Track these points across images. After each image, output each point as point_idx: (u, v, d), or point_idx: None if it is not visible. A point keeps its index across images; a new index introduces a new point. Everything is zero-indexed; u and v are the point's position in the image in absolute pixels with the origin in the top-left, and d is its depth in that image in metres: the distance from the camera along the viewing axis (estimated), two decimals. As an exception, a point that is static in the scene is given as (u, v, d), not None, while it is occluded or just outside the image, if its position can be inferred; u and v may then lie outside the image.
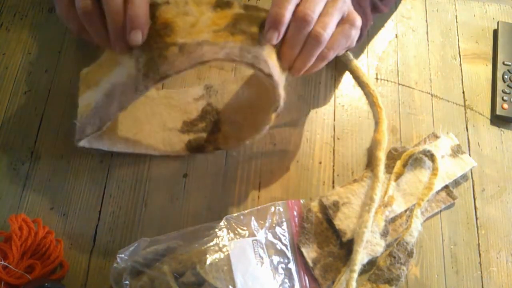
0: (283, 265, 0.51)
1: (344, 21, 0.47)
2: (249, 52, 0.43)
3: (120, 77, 0.45)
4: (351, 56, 0.63)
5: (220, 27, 0.44)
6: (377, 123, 0.60)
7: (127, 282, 0.47)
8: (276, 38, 0.43)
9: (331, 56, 0.47)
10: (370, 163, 0.58)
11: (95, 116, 0.47)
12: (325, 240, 0.53)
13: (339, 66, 0.64)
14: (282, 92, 0.47)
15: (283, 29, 0.43)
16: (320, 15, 0.44)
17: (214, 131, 0.58)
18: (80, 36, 0.46)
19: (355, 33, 0.47)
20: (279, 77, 0.46)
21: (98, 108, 0.47)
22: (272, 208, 0.54)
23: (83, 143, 0.50)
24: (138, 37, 0.42)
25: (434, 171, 0.55)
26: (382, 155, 0.56)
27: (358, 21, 0.47)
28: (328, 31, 0.44)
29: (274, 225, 0.53)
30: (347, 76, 0.64)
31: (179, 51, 0.42)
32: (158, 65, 0.42)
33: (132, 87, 0.44)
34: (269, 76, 0.44)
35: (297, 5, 0.43)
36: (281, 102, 0.48)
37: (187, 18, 0.44)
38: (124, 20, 0.42)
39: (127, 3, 0.42)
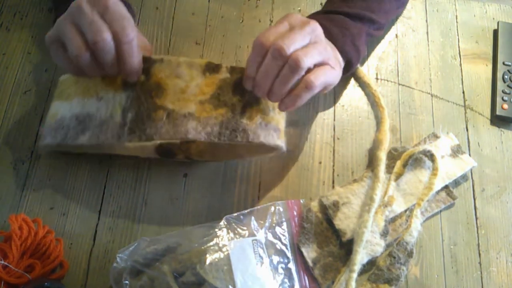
0: (283, 265, 0.51)
1: (324, 63, 0.48)
2: (227, 128, 0.47)
3: (98, 113, 0.48)
4: None
5: (206, 97, 0.48)
6: (379, 123, 0.60)
7: (127, 281, 0.47)
8: (250, 84, 0.48)
9: (314, 86, 0.46)
10: (371, 163, 0.58)
11: (59, 131, 0.50)
12: (325, 240, 0.53)
13: (339, 66, 0.64)
14: (278, 141, 0.49)
15: (255, 73, 0.47)
16: (299, 49, 0.45)
17: (188, 141, 0.53)
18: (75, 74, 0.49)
19: (335, 75, 0.49)
20: (273, 128, 0.49)
21: (65, 127, 0.49)
22: (272, 208, 0.54)
23: (44, 148, 0.52)
24: (134, 79, 0.48)
25: (434, 171, 0.55)
26: (383, 155, 0.56)
27: (338, 69, 0.50)
28: (307, 58, 0.45)
29: (274, 225, 0.53)
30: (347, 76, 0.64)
31: (167, 117, 0.47)
32: (146, 127, 0.46)
33: (114, 133, 0.47)
34: (250, 142, 0.48)
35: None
36: (283, 147, 0.50)
37: (178, 82, 0.48)
38: (119, 68, 0.46)
39: (122, 54, 0.45)
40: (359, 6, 0.58)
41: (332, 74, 0.48)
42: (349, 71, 0.58)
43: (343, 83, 0.63)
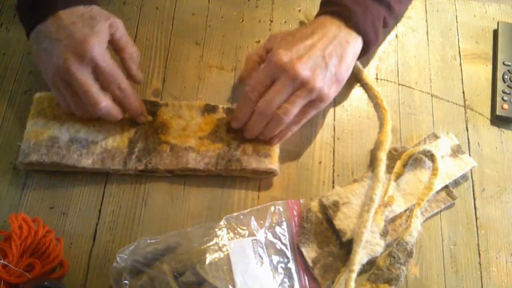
0: (283, 265, 0.51)
1: (310, 103, 0.52)
2: (223, 159, 0.54)
3: (104, 142, 0.54)
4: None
5: (204, 133, 0.56)
6: (381, 124, 0.60)
7: (126, 281, 0.47)
8: (238, 126, 0.54)
9: (295, 129, 0.54)
10: (371, 163, 0.58)
11: (50, 151, 0.53)
12: (325, 240, 0.53)
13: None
14: (270, 165, 0.54)
15: (243, 121, 0.54)
16: (284, 102, 0.50)
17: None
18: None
19: (313, 112, 0.53)
20: (265, 154, 0.55)
21: (62, 148, 0.53)
22: (272, 208, 0.54)
23: (25, 165, 0.53)
24: (142, 120, 0.55)
25: (434, 171, 0.55)
26: (383, 156, 0.56)
27: (324, 104, 0.52)
28: (289, 116, 0.51)
29: (274, 224, 0.53)
30: (347, 76, 0.64)
31: (170, 150, 0.55)
32: (152, 157, 0.54)
33: (120, 160, 0.54)
34: (243, 170, 0.54)
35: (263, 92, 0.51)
36: (276, 170, 0.55)
37: (180, 121, 0.57)
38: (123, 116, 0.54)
39: (122, 103, 0.52)
40: None
41: (317, 110, 0.53)
42: (366, 54, 0.57)
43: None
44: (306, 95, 0.50)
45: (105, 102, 0.50)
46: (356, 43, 0.54)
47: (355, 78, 0.63)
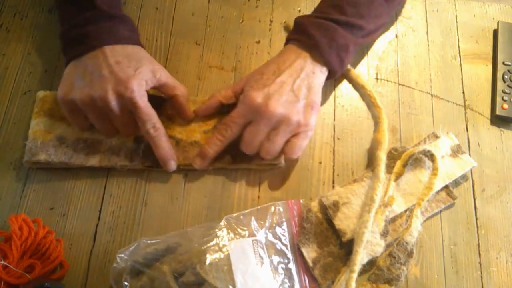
0: (283, 265, 0.51)
1: (295, 135, 0.53)
2: (228, 154, 0.55)
3: (109, 139, 0.55)
4: None
5: (209, 127, 0.57)
6: (377, 123, 0.60)
7: (126, 282, 0.47)
8: (203, 165, 0.54)
9: (295, 157, 0.55)
10: (371, 163, 0.58)
11: (58, 151, 0.54)
12: (325, 240, 0.53)
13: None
14: (278, 158, 0.55)
15: (211, 158, 0.54)
16: (264, 141, 0.53)
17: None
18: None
19: (302, 142, 0.54)
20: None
21: (69, 147, 0.54)
22: (272, 208, 0.54)
23: (32, 164, 0.54)
24: (173, 168, 0.54)
25: (434, 171, 0.55)
26: (383, 155, 0.56)
27: (309, 131, 0.54)
28: (272, 153, 0.53)
29: (274, 225, 0.53)
30: (347, 76, 0.64)
31: (176, 145, 0.55)
32: None
33: (127, 156, 0.54)
34: (250, 163, 0.55)
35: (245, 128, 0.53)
36: (281, 163, 0.56)
37: None
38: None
39: (153, 146, 0.53)
40: (349, 12, 0.57)
41: (306, 138, 0.54)
42: (331, 78, 0.59)
43: (343, 83, 0.63)
44: (285, 130, 0.52)
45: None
46: (321, 73, 0.56)
47: (347, 78, 0.63)
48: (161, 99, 0.57)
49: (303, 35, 0.56)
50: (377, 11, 0.60)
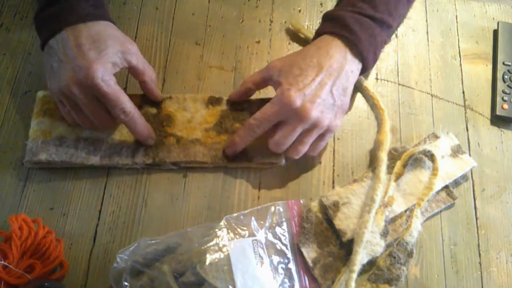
0: (283, 265, 0.51)
1: (320, 136, 0.53)
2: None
3: (109, 137, 0.55)
4: None
5: (210, 125, 0.57)
6: (379, 124, 0.60)
7: (126, 282, 0.47)
8: (232, 153, 0.55)
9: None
10: (372, 163, 0.58)
11: (59, 150, 0.53)
12: (325, 240, 0.53)
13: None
14: (278, 157, 0.55)
15: (239, 150, 0.54)
16: (295, 142, 0.52)
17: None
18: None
19: (324, 143, 0.55)
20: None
21: (70, 147, 0.54)
22: (272, 208, 0.54)
23: (33, 164, 0.54)
24: (151, 143, 0.55)
25: (434, 171, 0.55)
26: (384, 156, 0.56)
27: (333, 133, 0.55)
28: (300, 153, 0.53)
29: (274, 225, 0.53)
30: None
31: (177, 143, 0.55)
32: (159, 150, 0.55)
33: (128, 154, 0.54)
34: (251, 161, 0.55)
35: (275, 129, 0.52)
36: (282, 162, 0.56)
37: (185, 114, 0.57)
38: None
39: (128, 127, 0.52)
40: (381, 9, 0.56)
41: (326, 140, 0.55)
42: (363, 74, 0.58)
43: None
44: (316, 133, 0.52)
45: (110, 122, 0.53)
46: (357, 70, 0.55)
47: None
48: None
49: (343, 30, 0.54)
50: (401, 10, 0.60)
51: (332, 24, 0.55)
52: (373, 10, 0.55)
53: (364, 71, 0.57)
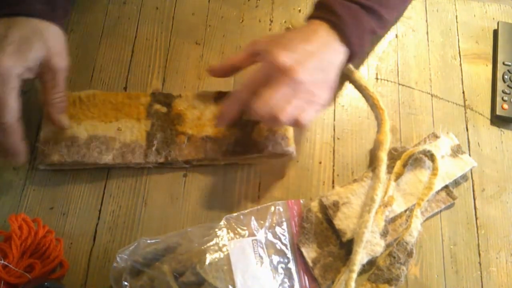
0: (283, 265, 0.51)
1: (307, 106, 0.50)
2: (240, 145, 0.55)
3: (121, 136, 0.55)
4: None
5: None
6: (379, 124, 0.60)
7: (126, 282, 0.47)
8: (222, 125, 0.54)
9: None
10: (372, 163, 0.58)
11: (71, 150, 0.53)
12: (325, 240, 0.53)
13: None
14: (286, 148, 0.54)
15: (230, 120, 0.52)
16: (281, 101, 0.48)
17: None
18: None
19: (313, 113, 0.50)
20: (281, 137, 0.55)
21: (81, 146, 0.53)
22: (272, 208, 0.54)
23: (47, 166, 0.54)
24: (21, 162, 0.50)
25: (434, 171, 0.55)
26: (384, 156, 0.56)
27: (320, 107, 0.51)
28: (285, 115, 0.48)
29: (274, 225, 0.53)
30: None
31: (188, 141, 0.55)
32: (171, 149, 0.55)
33: (140, 153, 0.54)
34: (261, 153, 0.55)
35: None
36: (293, 153, 0.56)
37: (194, 112, 0.57)
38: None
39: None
40: None
41: (314, 113, 0.51)
42: (349, 62, 0.57)
43: (343, 84, 0.63)
44: (304, 98, 0.50)
45: None
46: (343, 54, 0.54)
47: (350, 80, 0.63)
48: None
49: (330, 14, 0.54)
50: (393, 2, 0.60)
51: (320, 10, 0.56)
52: None
53: (351, 59, 0.56)
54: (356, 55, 0.56)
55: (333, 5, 0.54)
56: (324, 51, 0.52)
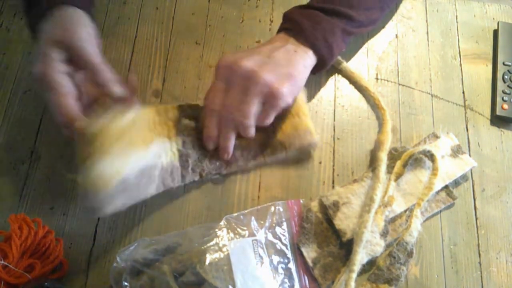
0: (283, 265, 0.51)
1: (266, 103, 0.51)
2: (267, 146, 0.56)
3: (159, 160, 0.51)
4: (344, 62, 0.63)
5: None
6: (380, 124, 0.60)
7: (126, 282, 0.47)
8: (212, 147, 0.55)
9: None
10: (372, 163, 0.58)
11: (124, 194, 0.46)
12: (325, 240, 0.53)
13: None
14: (311, 140, 0.55)
15: (214, 137, 0.54)
16: (240, 103, 0.50)
17: None
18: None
19: (270, 110, 0.52)
20: (304, 130, 0.55)
21: (132, 186, 0.47)
22: (272, 208, 0.54)
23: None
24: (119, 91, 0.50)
25: (434, 171, 0.55)
26: (383, 156, 0.56)
27: (280, 101, 0.51)
28: (249, 118, 0.51)
29: (274, 225, 0.53)
30: (347, 76, 0.64)
31: (216, 152, 0.54)
32: (204, 165, 0.54)
33: (178, 175, 0.53)
34: (288, 150, 0.56)
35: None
36: (315, 143, 0.56)
37: None
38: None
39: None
40: (336, 1, 0.57)
41: (276, 109, 0.52)
42: (323, 68, 0.57)
43: (343, 84, 0.63)
44: (257, 90, 0.50)
45: None
46: (306, 54, 0.54)
47: (350, 81, 0.63)
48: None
49: (288, 23, 0.56)
50: (367, 4, 0.60)
51: (283, 23, 0.58)
52: (324, 3, 0.56)
53: (324, 62, 0.56)
54: (325, 57, 0.56)
55: (291, 14, 0.57)
56: (276, 50, 0.53)
